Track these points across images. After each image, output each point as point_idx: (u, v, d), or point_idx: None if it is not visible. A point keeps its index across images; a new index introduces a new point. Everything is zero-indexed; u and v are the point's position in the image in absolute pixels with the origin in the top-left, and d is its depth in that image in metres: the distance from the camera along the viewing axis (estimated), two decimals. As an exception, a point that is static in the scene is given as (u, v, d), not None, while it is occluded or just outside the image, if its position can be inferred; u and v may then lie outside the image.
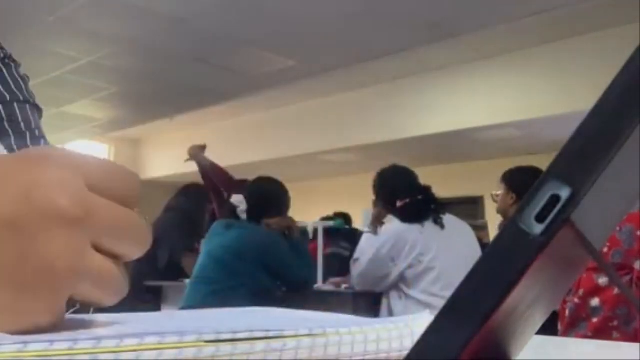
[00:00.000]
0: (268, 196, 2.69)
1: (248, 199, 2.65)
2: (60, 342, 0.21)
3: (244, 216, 2.63)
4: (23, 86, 0.64)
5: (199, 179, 3.79)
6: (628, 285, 1.42)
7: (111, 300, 0.27)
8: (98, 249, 0.26)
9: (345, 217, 4.24)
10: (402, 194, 2.56)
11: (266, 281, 2.54)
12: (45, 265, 0.24)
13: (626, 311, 1.44)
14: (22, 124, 0.60)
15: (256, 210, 2.63)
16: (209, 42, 4.71)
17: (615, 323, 1.45)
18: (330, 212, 4.74)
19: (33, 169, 0.25)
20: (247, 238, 2.53)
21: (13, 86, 0.63)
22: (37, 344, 0.21)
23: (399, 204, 2.55)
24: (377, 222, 2.69)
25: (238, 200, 2.67)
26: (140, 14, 4.22)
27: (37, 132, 0.62)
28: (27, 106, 0.63)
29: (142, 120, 7.19)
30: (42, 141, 0.61)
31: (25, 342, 0.20)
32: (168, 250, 3.22)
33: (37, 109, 0.65)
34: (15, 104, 0.61)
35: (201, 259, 2.62)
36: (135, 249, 0.27)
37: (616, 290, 1.43)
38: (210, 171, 3.58)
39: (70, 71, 5.38)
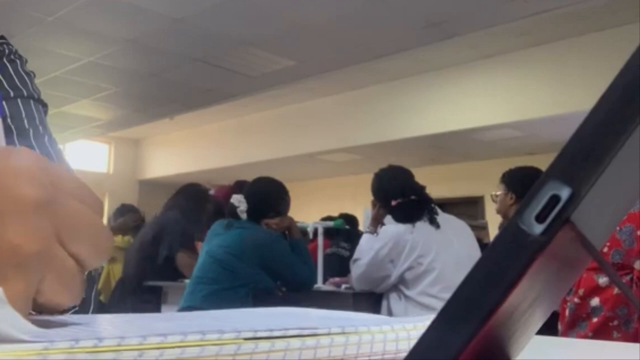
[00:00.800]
0: (268, 196, 2.69)
1: (248, 199, 2.65)
2: (85, 341, 0.21)
3: (244, 216, 2.63)
4: (28, 82, 0.63)
5: (198, 179, 3.80)
6: (628, 285, 1.42)
7: (69, 303, 0.26)
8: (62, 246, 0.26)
9: (351, 219, 4.21)
10: (397, 194, 2.57)
11: (266, 281, 2.54)
12: (14, 248, 0.24)
13: (626, 311, 1.44)
14: (25, 121, 0.59)
15: (256, 210, 2.63)
16: (209, 42, 4.71)
17: (616, 323, 1.45)
18: (330, 212, 4.73)
19: (3, 162, 0.26)
20: (247, 238, 2.52)
21: (18, 82, 0.62)
22: (63, 342, 0.21)
23: (393, 203, 2.56)
24: (375, 222, 2.70)
25: (238, 200, 2.66)
26: (140, 14, 4.22)
27: (40, 128, 0.61)
28: (31, 102, 0.62)
29: (142, 120, 7.19)
30: (46, 137, 0.60)
31: (51, 341, 0.21)
32: (167, 246, 3.23)
33: (42, 105, 0.65)
34: (19, 100, 0.60)
35: (201, 258, 2.62)
36: (94, 253, 0.27)
37: (616, 290, 1.43)
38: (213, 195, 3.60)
39: (70, 71, 5.38)
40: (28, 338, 0.21)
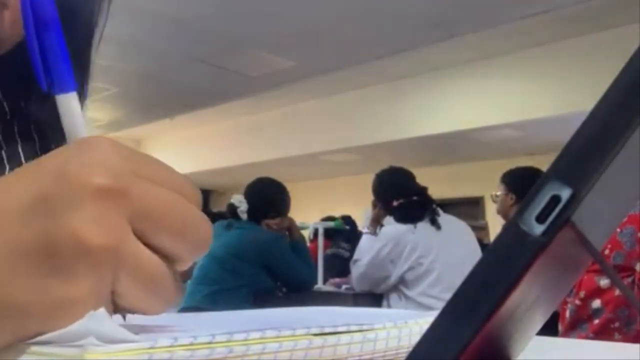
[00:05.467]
0: (268, 197, 2.69)
1: (248, 200, 2.65)
2: (183, 338, 0.23)
3: (244, 216, 2.63)
4: None
5: (199, 179, 3.79)
6: (629, 287, 1.42)
7: (158, 308, 0.24)
8: (144, 242, 0.23)
9: (346, 220, 4.22)
10: (398, 195, 2.57)
11: (267, 282, 2.54)
12: (79, 243, 0.21)
13: (627, 313, 1.44)
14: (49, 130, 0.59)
15: (256, 210, 2.64)
16: (209, 42, 4.71)
17: (617, 324, 1.45)
18: (331, 213, 4.73)
19: (73, 149, 0.24)
20: (247, 238, 2.53)
21: None
22: (164, 340, 0.23)
23: (394, 204, 2.57)
24: (375, 223, 2.70)
25: (238, 200, 2.67)
26: (140, 15, 4.22)
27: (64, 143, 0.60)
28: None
29: (142, 120, 7.19)
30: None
31: (155, 339, 0.22)
32: None
33: None
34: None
35: (201, 259, 2.62)
36: (186, 245, 0.24)
37: (618, 292, 1.43)
38: None
39: (71, 71, 5.38)
40: (135, 338, 0.22)
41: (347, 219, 4.20)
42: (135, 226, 0.23)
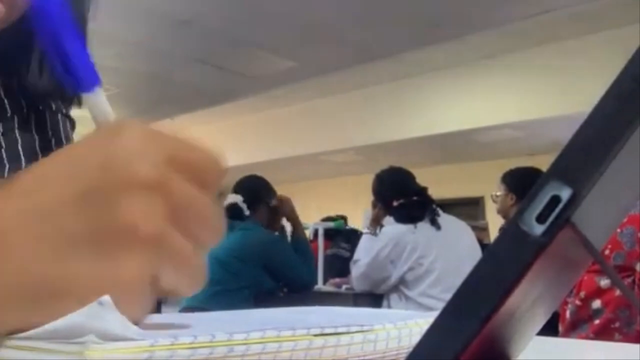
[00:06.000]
0: (258, 185, 2.74)
1: (242, 194, 2.67)
2: (184, 337, 0.24)
3: (244, 207, 2.64)
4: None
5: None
6: (630, 287, 1.42)
7: (191, 289, 0.27)
8: (177, 230, 0.25)
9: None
10: (398, 195, 2.57)
11: (268, 283, 2.55)
12: (129, 229, 0.23)
13: (628, 313, 1.44)
14: (50, 132, 0.59)
15: (253, 200, 2.67)
16: (209, 42, 4.71)
17: (617, 325, 1.45)
18: (331, 213, 4.73)
19: (112, 139, 0.25)
20: (249, 239, 2.53)
21: None
22: (165, 339, 0.23)
23: (394, 204, 2.57)
24: (375, 223, 2.70)
25: (234, 197, 2.67)
26: (141, 15, 4.22)
27: (64, 141, 0.61)
28: (59, 116, 0.62)
29: (143, 121, 7.19)
30: None
31: (155, 338, 0.23)
32: None
33: (70, 120, 0.65)
34: (47, 113, 0.60)
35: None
36: (208, 234, 0.27)
37: (618, 292, 1.43)
38: None
39: (71, 72, 5.38)
40: (135, 336, 0.23)
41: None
42: (171, 216, 0.25)
